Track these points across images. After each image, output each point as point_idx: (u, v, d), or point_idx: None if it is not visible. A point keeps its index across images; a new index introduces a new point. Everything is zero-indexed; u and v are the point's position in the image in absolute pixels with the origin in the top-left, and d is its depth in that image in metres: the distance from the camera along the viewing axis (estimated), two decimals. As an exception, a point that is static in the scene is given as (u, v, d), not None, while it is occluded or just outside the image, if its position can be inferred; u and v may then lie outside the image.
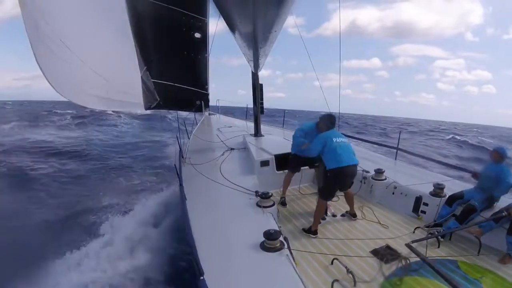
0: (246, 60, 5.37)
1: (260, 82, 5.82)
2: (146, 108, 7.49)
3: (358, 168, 3.66)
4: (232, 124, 8.21)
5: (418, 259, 2.70)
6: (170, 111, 8.75)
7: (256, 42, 4.63)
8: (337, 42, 4.74)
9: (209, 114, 9.23)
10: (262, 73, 5.77)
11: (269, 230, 2.48)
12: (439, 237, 2.94)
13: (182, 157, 4.90)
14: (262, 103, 6.04)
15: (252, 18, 4.13)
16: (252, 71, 5.59)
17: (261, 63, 5.31)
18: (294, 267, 2.18)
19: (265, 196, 3.21)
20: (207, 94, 9.13)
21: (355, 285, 2.38)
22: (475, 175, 3.42)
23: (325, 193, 3.24)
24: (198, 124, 7.83)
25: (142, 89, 6.93)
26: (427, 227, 3.25)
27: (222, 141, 5.84)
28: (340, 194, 3.51)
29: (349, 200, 3.53)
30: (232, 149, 5.38)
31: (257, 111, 5.80)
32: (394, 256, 2.77)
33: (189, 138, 6.44)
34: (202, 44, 8.47)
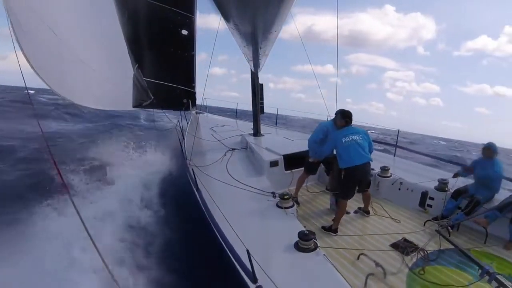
0: (246, 60, 5.45)
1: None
2: (135, 106, 7.35)
3: None
4: (223, 123, 8.22)
5: (434, 249, 3.00)
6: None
7: (256, 43, 4.71)
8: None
9: (196, 113, 9.17)
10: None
11: (303, 231, 2.62)
12: (449, 228, 3.25)
13: (186, 159, 4.88)
14: (262, 103, 6.16)
15: (252, 18, 4.19)
16: (251, 70, 5.66)
17: (261, 63, 5.39)
18: (334, 266, 2.34)
19: (285, 197, 3.35)
20: (194, 93, 9.09)
21: (385, 277, 2.59)
22: (466, 169, 3.82)
23: (343, 193, 3.43)
24: (189, 124, 7.77)
25: (133, 86, 6.81)
26: (435, 219, 3.56)
27: (219, 141, 5.89)
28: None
29: (366, 199, 3.77)
30: (233, 149, 5.43)
31: (257, 111, 5.89)
32: (413, 248, 3.03)
33: (183, 138, 6.38)
34: (189, 42, 8.42)
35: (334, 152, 3.70)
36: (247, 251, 1.99)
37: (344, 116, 3.52)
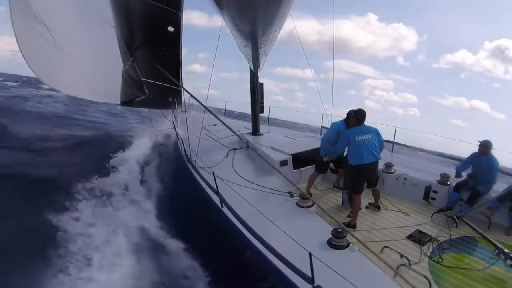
0: (246, 59, 5.52)
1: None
2: (124, 102, 7.16)
3: None
4: (213, 121, 8.18)
5: (446, 238, 3.32)
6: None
7: (256, 43, 4.79)
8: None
9: (182, 112, 9.06)
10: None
11: (336, 228, 2.80)
12: (455, 218, 3.59)
13: (189, 160, 4.85)
14: (262, 102, 6.26)
15: (252, 19, 4.29)
16: (250, 70, 5.73)
17: (261, 63, 5.49)
18: (371, 261, 2.54)
19: (305, 196, 3.51)
20: (180, 91, 8.98)
21: (410, 266, 2.83)
22: (458, 175, 4.17)
23: (355, 188, 3.67)
24: (178, 123, 7.68)
25: (123, 81, 6.66)
26: (440, 211, 3.90)
27: (216, 140, 5.94)
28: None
29: (376, 194, 4.05)
30: (234, 149, 5.49)
31: (257, 110, 5.98)
32: (428, 239, 3.32)
33: (178, 139, 6.34)
34: (175, 39, 8.30)
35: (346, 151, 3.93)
36: (309, 253, 2.08)
37: (357, 115, 3.75)
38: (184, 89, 6.51)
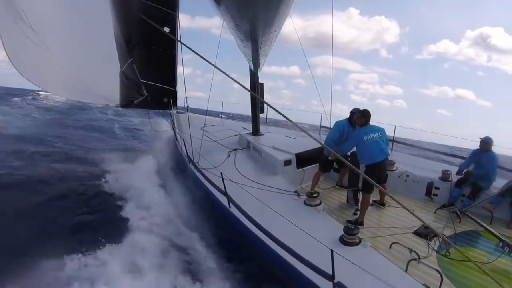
0: (245, 59, 5.56)
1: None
2: (124, 105, 7.10)
3: None
4: (210, 122, 8.18)
5: (451, 233, 3.42)
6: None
7: (256, 43, 4.84)
8: None
9: (177, 113, 9.03)
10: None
11: (348, 226, 2.86)
12: (459, 213, 3.70)
13: (191, 161, 4.85)
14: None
15: (252, 19, 4.34)
16: (250, 70, 5.77)
17: (261, 63, 5.53)
18: (385, 256, 2.60)
19: (313, 195, 3.56)
20: (176, 92, 8.95)
21: (419, 261, 2.90)
22: (460, 172, 4.26)
23: (367, 188, 3.74)
24: (176, 124, 7.65)
25: (121, 83, 6.61)
26: (443, 207, 4.01)
27: (217, 141, 5.95)
28: None
29: (382, 192, 4.11)
30: (235, 149, 5.51)
31: (257, 110, 6.02)
32: (433, 234, 3.41)
33: (177, 140, 6.33)
34: (171, 39, 8.27)
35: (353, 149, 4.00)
36: (331, 250, 2.11)
37: (364, 116, 3.83)
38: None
